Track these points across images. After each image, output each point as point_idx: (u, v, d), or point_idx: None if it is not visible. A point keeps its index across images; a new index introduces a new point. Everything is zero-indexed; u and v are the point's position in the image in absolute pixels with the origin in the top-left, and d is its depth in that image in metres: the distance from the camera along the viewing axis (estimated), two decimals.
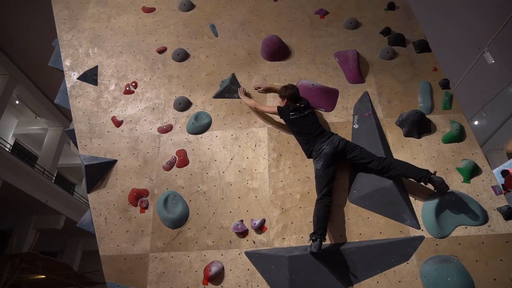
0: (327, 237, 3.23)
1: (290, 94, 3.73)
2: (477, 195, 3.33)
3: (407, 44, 4.40)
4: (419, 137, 3.71)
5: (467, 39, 9.89)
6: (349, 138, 3.76)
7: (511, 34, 9.25)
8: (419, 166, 3.52)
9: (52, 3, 4.98)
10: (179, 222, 3.57)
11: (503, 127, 13.16)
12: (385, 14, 4.70)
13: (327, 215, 3.24)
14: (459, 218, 3.19)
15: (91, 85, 4.42)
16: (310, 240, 3.16)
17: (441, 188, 3.18)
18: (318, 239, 3.08)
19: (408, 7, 4.78)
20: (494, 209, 3.23)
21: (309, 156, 3.63)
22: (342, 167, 3.63)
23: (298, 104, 3.70)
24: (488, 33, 9.47)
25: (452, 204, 3.21)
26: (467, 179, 3.42)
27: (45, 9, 5.54)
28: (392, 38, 4.42)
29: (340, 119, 3.93)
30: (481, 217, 3.18)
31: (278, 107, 3.75)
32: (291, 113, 3.65)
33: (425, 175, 3.18)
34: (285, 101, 3.76)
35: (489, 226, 3.17)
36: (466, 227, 3.18)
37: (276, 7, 4.85)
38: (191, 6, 4.91)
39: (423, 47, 4.33)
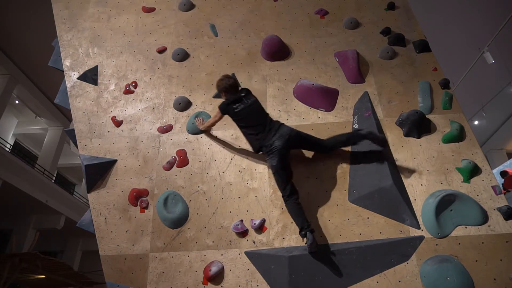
0: (327, 236, 3.23)
1: (229, 85, 3.63)
2: (477, 195, 3.33)
3: (407, 44, 4.41)
4: (419, 137, 3.71)
5: (467, 39, 9.89)
6: None
7: (511, 34, 9.24)
8: (419, 166, 3.54)
9: (52, 2, 4.98)
10: (179, 222, 3.57)
11: (503, 127, 13.16)
12: (385, 14, 4.70)
13: (301, 209, 3.26)
14: (459, 218, 3.19)
15: (91, 85, 4.42)
16: (303, 239, 3.17)
17: (373, 137, 3.42)
18: (307, 232, 3.09)
19: (408, 7, 4.78)
20: (494, 209, 3.24)
21: (257, 151, 3.53)
22: (340, 167, 3.64)
23: (239, 94, 3.58)
24: (488, 33, 9.47)
25: (452, 204, 3.21)
26: (467, 179, 3.42)
27: (45, 9, 5.54)
28: (392, 38, 4.42)
29: (340, 119, 3.93)
30: (481, 217, 3.18)
31: (220, 106, 3.61)
32: (234, 106, 3.53)
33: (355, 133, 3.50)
34: (225, 95, 3.66)
35: (489, 226, 3.17)
36: (466, 227, 3.18)
37: (276, 7, 4.85)
38: (191, 6, 4.91)
39: (423, 47, 4.33)
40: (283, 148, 3.30)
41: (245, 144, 3.87)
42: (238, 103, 3.54)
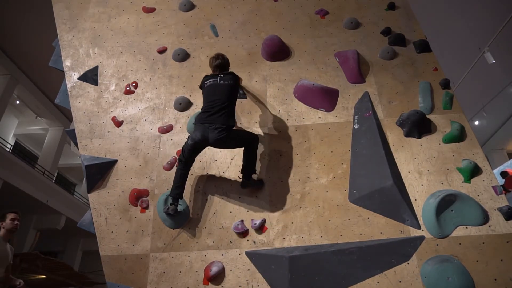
0: (327, 237, 3.22)
1: (214, 65, 3.69)
2: (478, 195, 3.33)
3: (407, 44, 4.40)
4: (419, 137, 3.71)
5: (468, 39, 9.88)
6: (349, 138, 3.77)
7: None
8: (420, 167, 3.54)
9: (52, 3, 4.98)
10: (180, 222, 3.57)
11: (503, 127, 13.15)
12: (385, 14, 4.70)
13: (183, 180, 3.48)
14: (459, 218, 3.19)
15: (91, 85, 4.42)
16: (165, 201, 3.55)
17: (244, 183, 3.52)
18: (173, 203, 3.39)
19: (408, 7, 4.78)
20: (495, 209, 3.24)
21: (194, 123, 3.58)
22: (341, 167, 3.64)
23: (219, 73, 3.63)
24: (489, 33, 9.46)
25: (452, 204, 3.21)
26: (468, 179, 3.42)
27: (46, 9, 5.54)
28: (393, 38, 4.42)
29: (340, 119, 3.93)
30: (482, 217, 3.18)
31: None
32: (206, 81, 3.61)
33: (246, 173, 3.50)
34: (212, 70, 3.74)
35: (489, 226, 3.17)
36: (466, 227, 3.18)
37: (276, 7, 4.85)
38: (191, 6, 4.91)
39: (423, 47, 4.33)
40: (196, 143, 3.40)
41: None
42: (211, 79, 3.61)
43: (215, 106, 3.41)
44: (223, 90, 3.49)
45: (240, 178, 3.59)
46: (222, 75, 3.60)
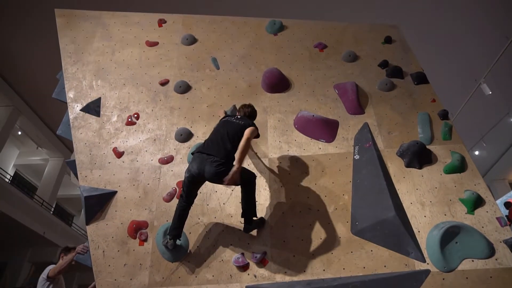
0: (330, 270, 3.14)
1: (244, 111, 3.73)
2: (482, 227, 3.27)
3: (404, 76, 4.49)
4: (420, 168, 3.70)
5: (464, 71, 10.11)
6: (350, 169, 3.76)
7: (506, 66, 9.45)
8: (422, 197, 3.50)
9: (58, 37, 5.12)
10: (179, 255, 3.49)
11: (504, 157, 13.17)
12: (382, 48, 4.82)
13: (184, 217, 3.37)
14: (465, 251, 3.12)
15: (93, 116, 4.46)
16: (163, 238, 3.44)
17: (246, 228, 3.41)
18: (171, 239, 3.30)
19: (404, 40, 4.92)
20: (500, 242, 3.17)
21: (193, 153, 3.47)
22: (342, 198, 3.60)
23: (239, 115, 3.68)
24: (484, 65, 9.69)
25: (457, 236, 3.15)
26: (471, 211, 3.38)
27: (50, 42, 5.70)
28: (390, 70, 4.52)
29: (341, 150, 3.94)
30: (488, 250, 3.11)
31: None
32: (223, 118, 3.67)
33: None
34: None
35: (496, 259, 3.09)
36: (472, 260, 3.10)
37: (276, 41, 4.99)
38: (193, 40, 5.05)
39: (421, 79, 4.41)
40: (193, 176, 3.27)
41: None
42: (228, 117, 3.64)
43: (220, 139, 3.31)
44: (234, 128, 3.38)
45: (242, 223, 3.46)
46: (239, 117, 3.59)
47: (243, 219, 3.42)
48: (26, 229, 11.09)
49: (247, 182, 3.36)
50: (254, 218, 3.46)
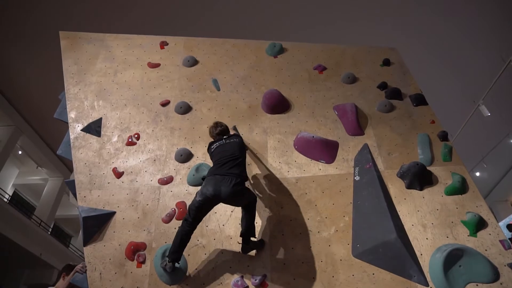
0: None
1: (215, 133, 3.79)
2: (485, 250, 3.22)
3: (403, 97, 4.53)
4: (421, 189, 3.68)
5: (462, 93, 10.21)
6: (350, 190, 3.74)
7: (505, 88, 9.55)
8: (423, 219, 3.47)
9: (62, 58, 5.21)
10: (177, 277, 3.42)
11: (505, 178, 13.11)
12: (381, 70, 4.89)
13: (185, 242, 3.29)
14: (469, 275, 3.06)
15: (94, 136, 4.48)
16: (161, 261, 3.33)
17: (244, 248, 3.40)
18: (170, 262, 3.21)
19: (402, 63, 4.99)
20: (505, 265, 3.11)
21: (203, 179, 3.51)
22: (343, 220, 3.56)
23: (222, 137, 3.71)
24: (482, 86, 9.80)
25: (460, 260, 3.09)
26: (473, 233, 3.33)
27: (53, 62, 5.78)
28: (389, 92, 4.56)
29: (341, 171, 3.93)
30: (492, 274, 3.04)
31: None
32: (212, 146, 3.67)
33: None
34: (213, 138, 3.84)
35: (501, 283, 3.02)
36: (477, 285, 3.03)
37: (276, 63, 5.06)
38: (194, 62, 5.12)
39: (419, 100, 4.45)
40: (208, 198, 3.21)
41: None
42: (217, 142, 3.66)
43: (227, 161, 3.39)
44: (232, 147, 3.55)
45: (239, 243, 3.44)
46: (225, 137, 3.69)
47: (241, 239, 3.38)
48: (23, 250, 10.93)
49: (251, 201, 3.43)
50: (253, 239, 3.42)
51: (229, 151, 3.48)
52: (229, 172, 3.29)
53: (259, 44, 5.28)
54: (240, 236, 3.40)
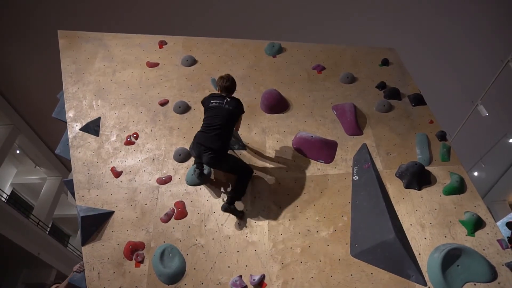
0: None
1: (223, 86, 3.81)
2: (483, 249, 3.23)
3: (402, 97, 4.54)
4: (419, 189, 3.69)
5: (460, 93, 10.24)
6: (349, 190, 3.75)
7: (502, 88, 9.58)
8: (422, 219, 3.47)
9: (61, 58, 5.18)
10: (176, 277, 3.42)
11: (503, 178, 13.16)
12: (379, 70, 4.90)
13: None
14: (467, 274, 3.07)
15: (92, 136, 4.47)
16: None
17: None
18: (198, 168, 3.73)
19: (401, 63, 5.00)
20: (502, 265, 3.12)
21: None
22: (342, 219, 3.57)
23: (225, 94, 3.77)
24: (480, 86, 9.82)
25: (458, 259, 3.11)
26: (471, 232, 3.34)
27: (51, 61, 5.75)
28: (388, 92, 4.57)
29: (339, 171, 3.94)
30: (490, 273, 3.06)
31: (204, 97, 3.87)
32: (212, 100, 3.72)
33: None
34: (219, 90, 3.90)
35: (498, 283, 3.04)
36: (475, 284, 3.05)
37: (275, 63, 5.06)
38: (193, 62, 5.12)
39: (418, 100, 4.46)
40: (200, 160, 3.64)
41: (245, 197, 3.84)
42: (217, 100, 3.72)
43: (212, 129, 3.59)
44: (224, 115, 3.65)
45: (224, 200, 3.64)
46: (228, 99, 3.75)
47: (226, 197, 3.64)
48: (21, 250, 10.91)
49: (243, 173, 3.73)
50: (237, 206, 3.63)
51: (221, 118, 3.62)
52: (210, 141, 3.54)
53: (258, 43, 5.28)
54: (227, 193, 3.65)
